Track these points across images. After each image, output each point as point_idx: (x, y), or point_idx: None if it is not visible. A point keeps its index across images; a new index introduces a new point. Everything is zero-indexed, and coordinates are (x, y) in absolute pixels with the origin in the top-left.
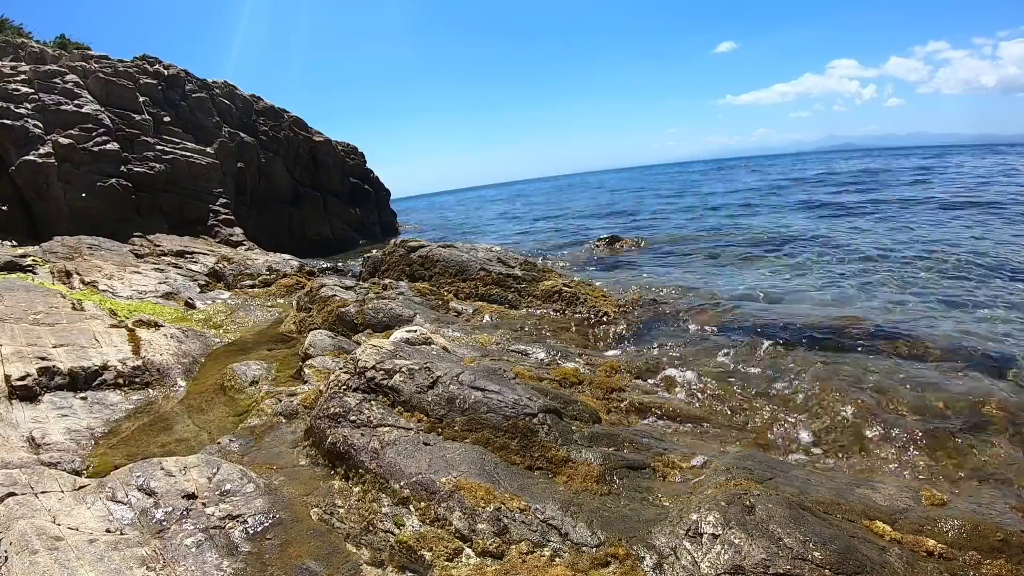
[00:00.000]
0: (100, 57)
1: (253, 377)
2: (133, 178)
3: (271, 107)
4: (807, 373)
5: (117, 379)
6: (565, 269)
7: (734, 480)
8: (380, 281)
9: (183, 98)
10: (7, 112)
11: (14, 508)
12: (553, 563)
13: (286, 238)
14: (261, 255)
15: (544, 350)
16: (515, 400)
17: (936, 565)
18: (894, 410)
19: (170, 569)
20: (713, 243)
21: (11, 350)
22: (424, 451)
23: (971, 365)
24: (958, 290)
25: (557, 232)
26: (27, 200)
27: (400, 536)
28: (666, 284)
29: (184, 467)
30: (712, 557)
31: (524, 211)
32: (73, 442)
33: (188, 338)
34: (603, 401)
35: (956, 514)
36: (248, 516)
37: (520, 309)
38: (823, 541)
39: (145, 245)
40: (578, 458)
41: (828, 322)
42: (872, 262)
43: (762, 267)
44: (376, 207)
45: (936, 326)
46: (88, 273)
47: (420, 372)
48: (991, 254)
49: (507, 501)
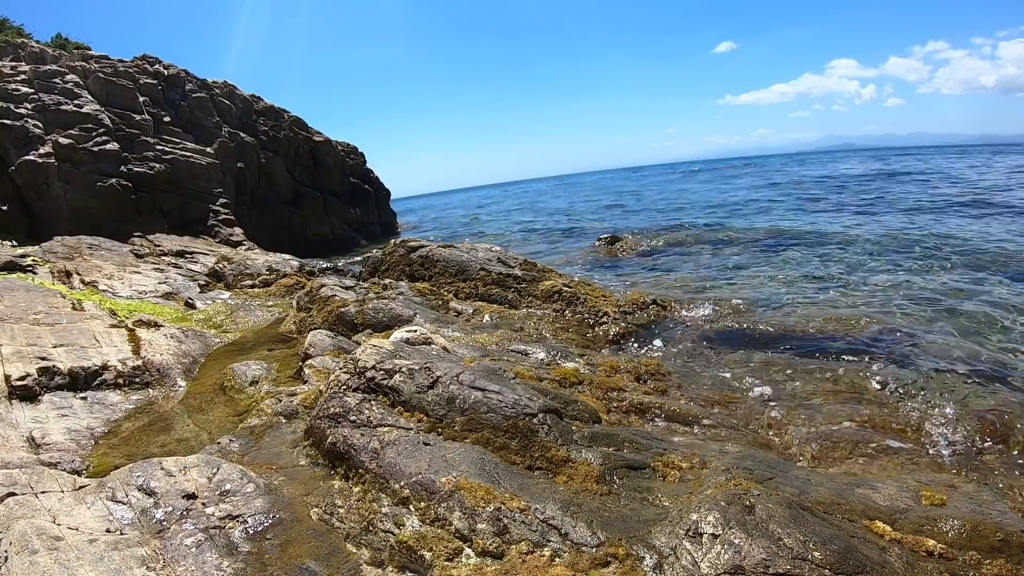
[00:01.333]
0: (100, 57)
1: (253, 377)
2: (133, 178)
3: (271, 107)
4: (807, 374)
5: (117, 379)
6: (565, 269)
7: (734, 480)
8: (380, 281)
9: (183, 98)
10: (7, 112)
11: (14, 508)
12: (553, 563)
13: (286, 238)
14: (261, 255)
15: (544, 350)
16: (515, 400)
17: (936, 565)
18: (895, 411)
19: (170, 569)
20: (714, 244)
21: (11, 350)
22: (424, 451)
23: (971, 369)
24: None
25: (557, 232)
26: (27, 200)
27: (400, 536)
28: (667, 284)
29: (184, 467)
30: (712, 557)
31: (524, 211)
32: (73, 442)
33: (188, 338)
34: (603, 401)
35: (956, 514)
36: (248, 516)
37: (520, 309)
38: (823, 541)
39: (145, 245)
40: (578, 458)
41: (829, 325)
42: (875, 260)
43: (764, 268)
44: (376, 207)
45: (938, 332)
46: (88, 273)
47: (420, 372)
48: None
49: (507, 501)
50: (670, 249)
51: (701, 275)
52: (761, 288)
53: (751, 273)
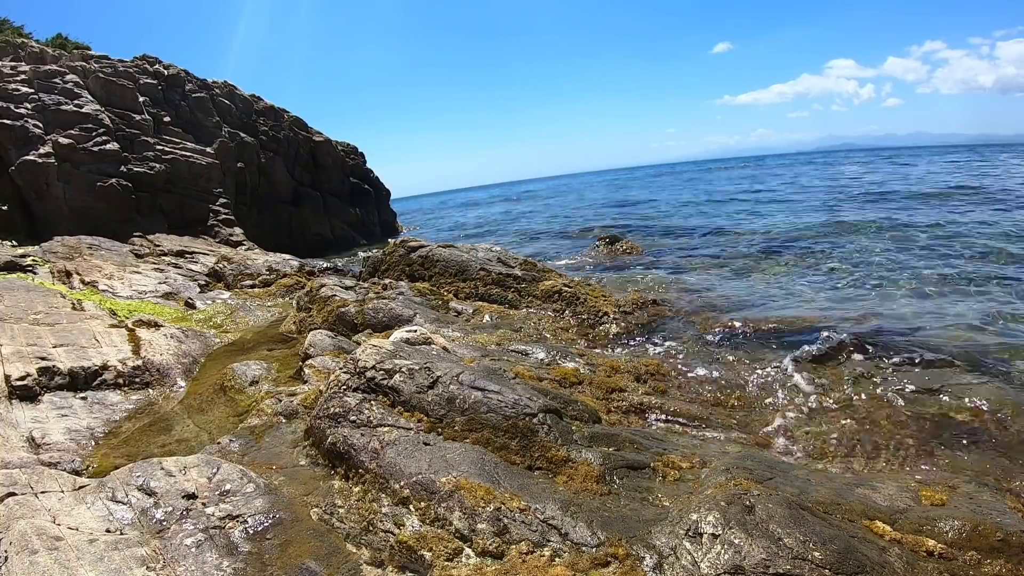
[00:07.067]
0: (100, 57)
1: (253, 377)
2: (133, 178)
3: (271, 107)
4: (807, 375)
5: (117, 379)
6: (565, 269)
7: (734, 480)
8: (380, 281)
9: (183, 98)
10: (7, 112)
11: (14, 508)
12: (553, 563)
13: (286, 238)
14: (261, 255)
15: (544, 350)
16: (515, 400)
17: (936, 565)
18: (894, 413)
19: (170, 569)
20: (715, 244)
21: (11, 350)
22: (424, 451)
23: (974, 368)
24: (945, 286)
25: (557, 232)
26: (27, 200)
27: (400, 536)
28: (667, 285)
29: (184, 467)
30: (712, 557)
31: (525, 211)
32: (73, 442)
33: (188, 338)
34: (603, 401)
35: (956, 514)
36: (248, 516)
37: (520, 309)
38: (823, 541)
39: (145, 245)
40: (578, 458)
41: (829, 324)
42: (874, 256)
43: (766, 270)
44: (376, 207)
45: (943, 330)
46: (88, 273)
47: (420, 372)
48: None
49: (507, 501)
50: (670, 249)
51: (701, 275)
52: (762, 288)
53: (752, 273)
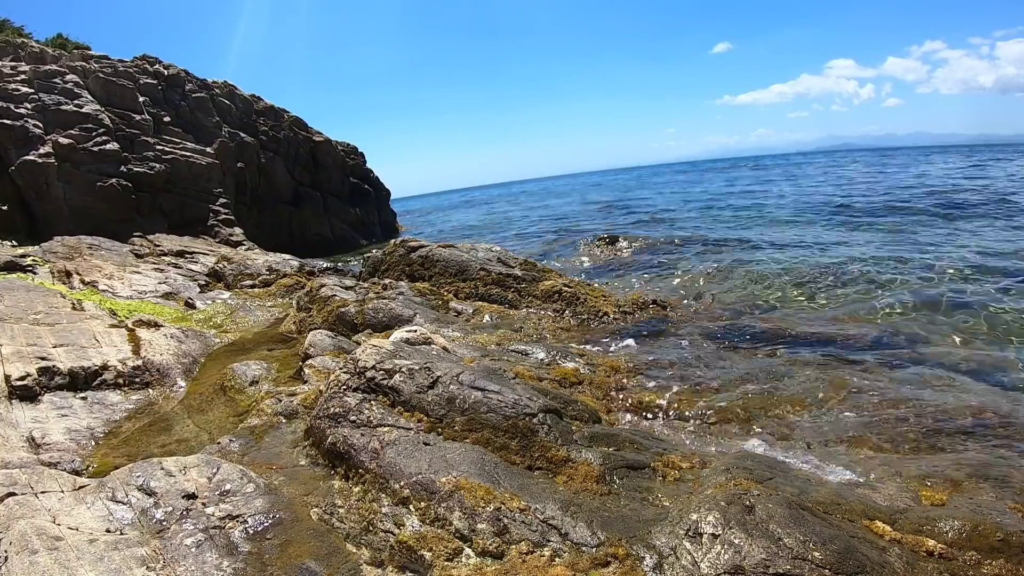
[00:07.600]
0: (100, 57)
1: (253, 377)
2: (133, 178)
3: (271, 107)
4: (807, 376)
5: (117, 379)
6: (565, 269)
7: (734, 480)
8: (380, 281)
9: (183, 98)
10: (7, 112)
11: (14, 508)
12: (553, 563)
13: (286, 238)
14: (261, 255)
15: (544, 350)
16: (515, 400)
17: (936, 565)
18: (894, 414)
19: (170, 569)
20: (716, 245)
21: (11, 350)
22: (424, 451)
23: (971, 371)
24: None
25: (557, 232)
26: (27, 200)
27: (400, 536)
28: (666, 285)
29: (184, 467)
30: (712, 557)
31: (525, 211)
32: (73, 442)
33: (188, 338)
34: (603, 401)
35: (956, 514)
36: (248, 516)
37: (520, 309)
38: (823, 541)
39: (145, 245)
40: (578, 458)
41: (830, 326)
42: (873, 263)
43: (766, 270)
44: (376, 207)
45: (935, 335)
46: (88, 273)
47: (420, 372)
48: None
49: (507, 501)
50: (670, 249)
51: (701, 275)
52: (762, 288)
53: (752, 273)
